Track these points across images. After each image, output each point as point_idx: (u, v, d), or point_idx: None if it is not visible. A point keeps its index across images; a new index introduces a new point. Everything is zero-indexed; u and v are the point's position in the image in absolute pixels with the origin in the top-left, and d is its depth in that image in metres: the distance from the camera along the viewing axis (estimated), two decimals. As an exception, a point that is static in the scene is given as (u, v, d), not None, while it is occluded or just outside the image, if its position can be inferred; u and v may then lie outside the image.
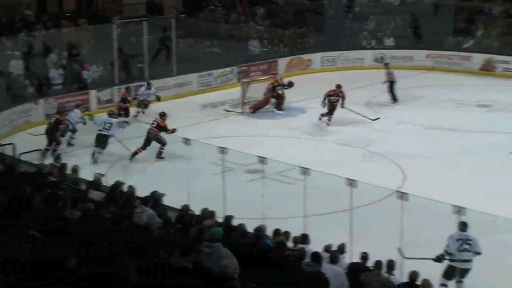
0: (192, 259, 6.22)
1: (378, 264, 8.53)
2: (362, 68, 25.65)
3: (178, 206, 10.16)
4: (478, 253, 9.80)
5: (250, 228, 9.33)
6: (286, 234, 9.49)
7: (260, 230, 9.09)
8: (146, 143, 15.59)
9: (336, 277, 7.89)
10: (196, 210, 9.94)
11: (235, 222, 9.52)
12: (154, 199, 10.07)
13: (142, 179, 12.96)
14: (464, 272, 9.81)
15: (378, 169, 14.98)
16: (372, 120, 18.38)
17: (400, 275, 8.75)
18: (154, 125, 15.78)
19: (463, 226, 9.77)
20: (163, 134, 15.67)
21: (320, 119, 18.39)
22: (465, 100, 20.99)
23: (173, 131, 15.55)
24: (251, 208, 11.41)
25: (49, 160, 13.70)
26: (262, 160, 10.81)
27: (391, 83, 20.88)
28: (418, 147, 16.48)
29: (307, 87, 22.10)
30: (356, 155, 16.17)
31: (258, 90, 19.93)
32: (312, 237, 9.51)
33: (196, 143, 12.23)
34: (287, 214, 11.64)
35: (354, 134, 17.65)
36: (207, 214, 9.62)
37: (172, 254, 6.27)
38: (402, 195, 9.38)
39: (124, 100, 18.97)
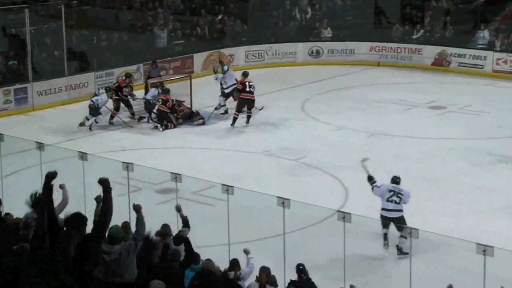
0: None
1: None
2: (294, 64, 26.07)
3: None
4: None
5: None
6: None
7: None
8: (160, 121, 19.03)
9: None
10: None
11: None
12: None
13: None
14: (392, 220, 11.84)
15: (315, 185, 15.25)
16: (259, 109, 19.86)
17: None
18: (161, 102, 19.14)
19: (395, 179, 12.25)
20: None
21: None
22: (415, 101, 21.64)
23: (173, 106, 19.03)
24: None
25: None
26: (176, 177, 10.83)
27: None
28: (363, 157, 16.76)
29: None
30: (288, 168, 16.40)
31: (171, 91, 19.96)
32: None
33: (94, 158, 12.11)
34: (207, 242, 11.66)
35: (284, 143, 17.93)
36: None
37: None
38: (344, 216, 9.53)
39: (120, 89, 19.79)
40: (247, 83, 19.52)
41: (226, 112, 20.11)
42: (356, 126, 19.24)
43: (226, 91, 20.13)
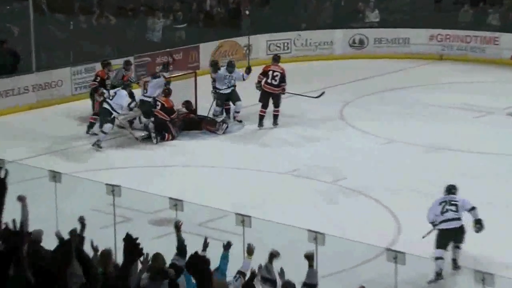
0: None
1: None
2: (331, 57, 26.24)
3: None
4: (473, 208, 12.97)
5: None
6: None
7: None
8: (157, 131, 19.11)
9: None
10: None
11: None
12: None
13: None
14: (454, 233, 12.68)
15: (358, 215, 15.23)
16: (316, 97, 20.16)
17: None
18: (159, 107, 19.23)
19: (450, 188, 13.22)
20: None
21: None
22: (489, 106, 21.61)
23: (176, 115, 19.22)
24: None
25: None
26: (177, 204, 10.89)
27: None
28: (419, 179, 16.83)
29: (246, 87, 22.24)
30: (323, 193, 16.41)
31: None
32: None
33: (71, 179, 12.15)
34: None
35: (317, 160, 17.99)
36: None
37: None
38: (396, 256, 9.54)
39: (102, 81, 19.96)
40: (270, 72, 19.77)
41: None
42: (411, 138, 19.25)
43: (224, 91, 20.16)
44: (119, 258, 10.85)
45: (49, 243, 11.92)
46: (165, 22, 25.55)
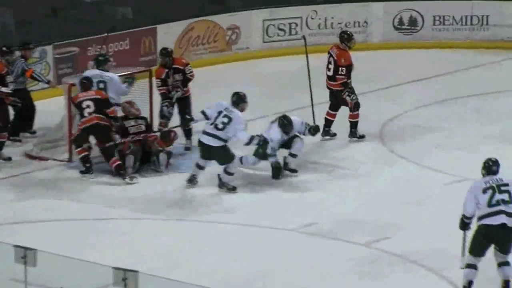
0: None
1: None
2: (365, 46, 26.43)
3: None
4: None
5: None
6: None
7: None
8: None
9: None
10: None
11: None
12: None
13: None
14: (503, 233, 13.59)
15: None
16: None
17: None
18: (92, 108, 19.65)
19: (492, 165, 13.82)
20: None
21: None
22: None
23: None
24: None
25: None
26: (126, 277, 10.88)
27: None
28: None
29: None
30: (354, 260, 16.22)
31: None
32: None
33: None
34: None
35: (345, 209, 18.16)
36: None
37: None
38: None
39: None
40: (327, 57, 20.73)
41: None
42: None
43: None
44: None
45: None
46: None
